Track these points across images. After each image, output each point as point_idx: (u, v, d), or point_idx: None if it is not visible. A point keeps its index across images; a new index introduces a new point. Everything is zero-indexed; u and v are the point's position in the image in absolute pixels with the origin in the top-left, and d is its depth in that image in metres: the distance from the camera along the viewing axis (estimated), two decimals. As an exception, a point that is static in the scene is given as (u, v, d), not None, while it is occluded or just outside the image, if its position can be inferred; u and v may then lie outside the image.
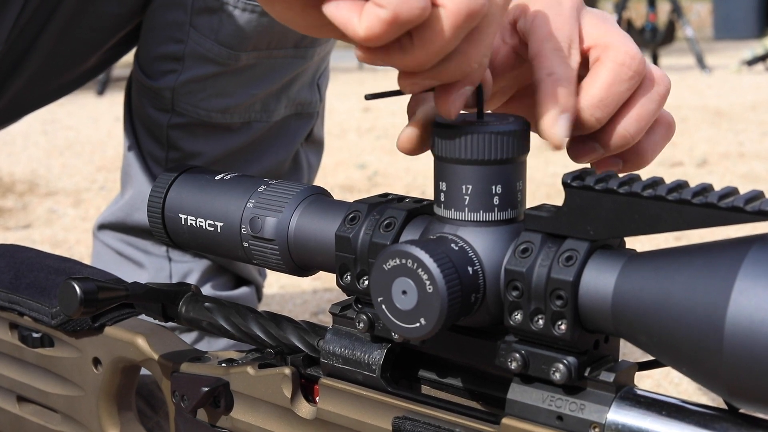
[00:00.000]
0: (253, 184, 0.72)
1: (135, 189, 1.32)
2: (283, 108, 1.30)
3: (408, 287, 0.58)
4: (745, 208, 0.51)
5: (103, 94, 5.42)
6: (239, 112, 1.27)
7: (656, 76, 0.68)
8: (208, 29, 1.22)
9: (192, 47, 1.24)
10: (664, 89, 0.68)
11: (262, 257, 0.71)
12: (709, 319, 0.50)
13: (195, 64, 1.24)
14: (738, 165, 3.25)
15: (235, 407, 0.73)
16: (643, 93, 0.67)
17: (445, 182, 0.61)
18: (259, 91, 1.26)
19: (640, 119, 0.67)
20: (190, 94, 1.25)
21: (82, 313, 0.71)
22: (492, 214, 0.61)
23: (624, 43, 0.66)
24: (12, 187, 3.05)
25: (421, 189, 2.98)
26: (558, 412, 0.58)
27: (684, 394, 1.49)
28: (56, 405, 0.87)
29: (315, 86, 1.33)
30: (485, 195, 0.61)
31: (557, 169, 3.23)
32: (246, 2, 1.20)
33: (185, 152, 1.29)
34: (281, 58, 1.26)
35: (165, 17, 1.25)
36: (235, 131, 1.28)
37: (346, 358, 0.67)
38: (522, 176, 0.62)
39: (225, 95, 1.26)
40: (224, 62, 1.23)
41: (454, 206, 0.61)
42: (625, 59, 0.66)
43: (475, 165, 0.60)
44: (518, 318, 0.58)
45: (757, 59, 6.51)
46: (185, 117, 1.27)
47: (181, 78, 1.25)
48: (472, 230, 0.61)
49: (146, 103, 1.29)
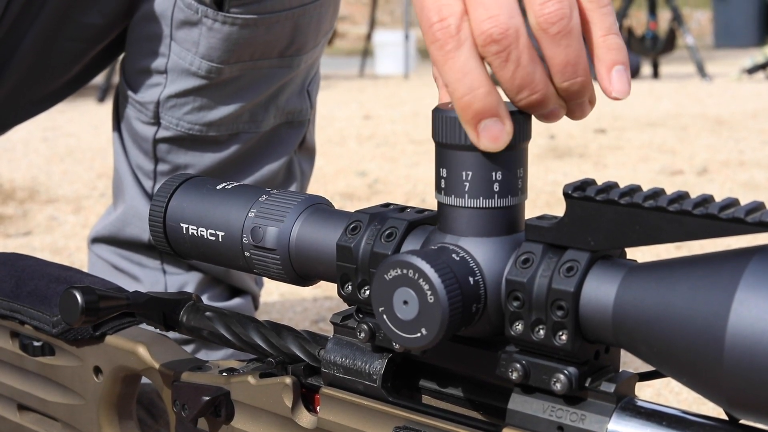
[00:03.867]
0: (254, 193, 0.72)
1: (126, 203, 1.31)
2: (272, 118, 1.28)
3: (409, 297, 0.58)
4: (745, 219, 0.51)
5: (103, 101, 5.43)
6: (226, 124, 1.25)
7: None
8: (189, 43, 1.21)
9: (174, 61, 1.23)
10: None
11: (264, 267, 0.71)
12: (709, 329, 0.50)
13: (178, 77, 1.23)
14: (738, 173, 3.26)
15: (235, 417, 0.73)
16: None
17: (446, 168, 0.62)
18: (246, 102, 1.25)
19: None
20: (174, 108, 1.24)
21: (83, 322, 0.71)
22: (492, 201, 0.61)
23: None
24: (12, 194, 3.06)
25: (421, 197, 2.98)
26: (558, 422, 0.58)
27: (684, 404, 1.48)
28: (57, 414, 0.87)
29: (305, 94, 1.32)
30: (485, 181, 0.61)
31: (557, 177, 3.24)
32: (226, 15, 1.18)
33: (173, 165, 1.27)
34: (266, 69, 1.24)
35: (146, 30, 1.24)
36: (224, 143, 1.27)
37: (347, 367, 0.67)
38: (523, 163, 0.62)
39: (210, 108, 1.24)
40: (207, 76, 1.22)
41: (455, 193, 0.61)
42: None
43: (476, 151, 0.60)
44: (519, 328, 0.58)
45: (758, 67, 6.52)
46: (171, 130, 1.26)
47: (165, 92, 1.24)
48: (473, 241, 0.61)
49: (133, 116, 1.28)
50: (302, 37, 1.24)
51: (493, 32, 0.59)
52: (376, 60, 8.03)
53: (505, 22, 0.60)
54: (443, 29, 0.61)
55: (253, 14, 1.18)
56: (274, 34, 1.21)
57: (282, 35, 1.22)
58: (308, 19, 1.23)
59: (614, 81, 0.63)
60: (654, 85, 6.28)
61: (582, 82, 0.62)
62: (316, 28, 1.26)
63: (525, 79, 0.60)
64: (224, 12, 1.18)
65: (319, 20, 1.25)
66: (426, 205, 2.76)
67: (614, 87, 0.63)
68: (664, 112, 4.87)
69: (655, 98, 5.46)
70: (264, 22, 1.19)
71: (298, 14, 1.22)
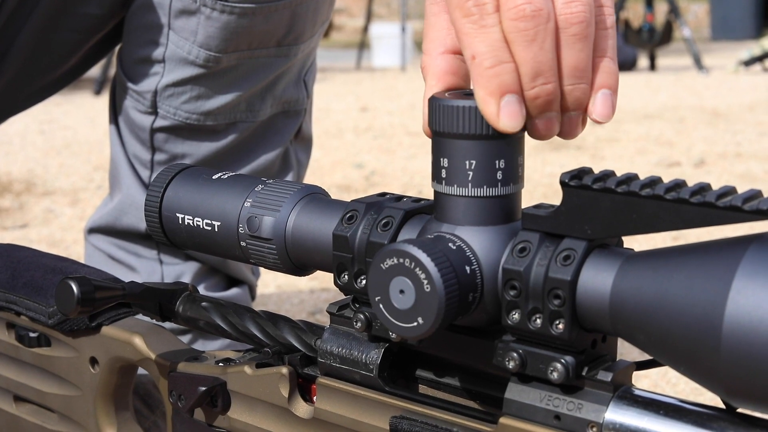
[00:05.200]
0: (250, 183, 0.72)
1: (123, 193, 1.31)
2: (268, 107, 1.29)
3: (405, 286, 0.58)
4: (742, 207, 0.51)
5: (100, 93, 5.42)
6: (223, 114, 1.26)
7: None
8: (187, 32, 1.22)
9: (172, 50, 1.23)
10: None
11: (260, 256, 0.71)
12: (706, 318, 0.50)
13: (176, 67, 1.24)
14: (735, 165, 3.26)
15: (232, 407, 0.73)
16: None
17: (446, 158, 0.61)
18: (243, 91, 1.25)
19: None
20: (172, 97, 1.25)
21: (79, 313, 0.71)
22: (495, 189, 0.61)
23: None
24: (9, 186, 3.05)
25: (418, 188, 2.98)
26: (556, 411, 0.58)
27: (682, 394, 1.49)
28: (53, 405, 0.87)
29: (301, 83, 1.33)
30: (488, 170, 0.61)
31: (554, 169, 3.24)
32: (224, 4, 1.19)
33: (171, 154, 1.28)
34: (264, 58, 1.25)
35: (145, 19, 1.24)
36: (221, 132, 1.27)
37: (343, 357, 0.67)
38: (521, 152, 0.62)
39: (208, 97, 1.25)
40: (204, 65, 1.22)
41: (457, 182, 0.61)
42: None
43: (475, 140, 0.60)
44: (516, 317, 0.58)
45: (755, 60, 6.52)
46: (169, 120, 1.26)
47: (162, 81, 1.24)
48: (469, 229, 0.61)
49: (130, 106, 1.28)
50: (300, 26, 1.25)
51: (527, 9, 0.60)
52: (372, 52, 8.02)
53: (540, 3, 0.60)
54: (479, 5, 0.61)
55: (251, 3, 1.19)
56: (272, 23, 1.22)
57: (280, 24, 1.22)
58: (306, 8, 1.24)
59: (598, 103, 0.63)
60: (651, 77, 6.28)
61: (585, 89, 0.62)
62: (313, 18, 1.26)
63: (544, 64, 0.60)
64: (223, 1, 1.18)
65: (316, 9, 1.26)
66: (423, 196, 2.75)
67: (597, 109, 0.63)
68: (661, 104, 4.87)
69: (652, 90, 5.46)
70: (262, 11, 1.20)
71: (296, 3, 1.22)
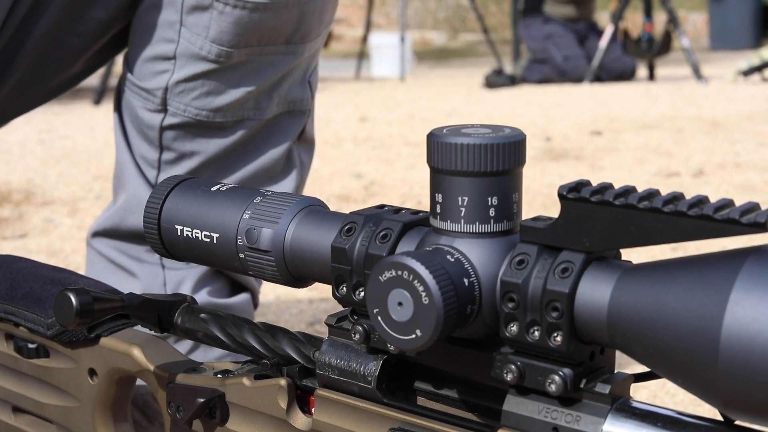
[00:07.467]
0: (249, 195, 0.72)
1: (129, 193, 1.33)
2: (275, 106, 1.31)
3: (404, 299, 0.58)
4: (740, 220, 0.51)
5: (99, 103, 5.42)
6: (232, 110, 1.28)
7: None
8: (199, 27, 1.24)
9: (184, 46, 1.26)
10: None
11: (258, 268, 0.71)
12: (704, 330, 0.50)
13: (187, 62, 1.26)
14: (734, 175, 3.26)
15: (230, 418, 0.73)
16: None
17: (441, 194, 0.61)
18: (252, 88, 1.28)
19: None
20: (183, 93, 1.27)
21: (78, 324, 0.71)
22: (488, 226, 0.61)
23: None
24: (8, 196, 3.05)
25: (417, 199, 2.98)
26: (554, 423, 0.58)
27: (681, 405, 1.48)
28: (52, 416, 0.87)
29: (306, 83, 1.35)
30: (481, 206, 0.61)
31: (553, 179, 3.24)
32: None
33: (178, 153, 1.30)
34: (273, 55, 1.28)
35: (155, 18, 1.27)
36: (228, 129, 1.30)
37: (341, 369, 0.67)
38: (518, 188, 0.62)
39: (217, 93, 1.27)
40: (216, 60, 1.25)
41: (450, 218, 0.61)
42: None
43: (471, 177, 0.60)
44: (514, 329, 0.58)
45: (753, 69, 6.52)
46: (179, 117, 1.28)
47: (173, 77, 1.27)
48: (468, 242, 0.61)
49: (138, 105, 1.30)
50: (307, 25, 1.28)
51: None
52: (372, 62, 8.03)
53: None
54: None
55: None
56: (282, 19, 1.25)
57: (289, 21, 1.26)
58: (313, 7, 1.27)
59: None
60: (650, 87, 6.28)
61: None
62: (319, 17, 1.30)
63: None
64: None
65: (323, 9, 1.30)
66: (422, 207, 2.76)
67: None
68: (659, 114, 4.87)
69: (650, 100, 5.47)
70: (273, 7, 1.23)
71: (305, 1, 1.26)
